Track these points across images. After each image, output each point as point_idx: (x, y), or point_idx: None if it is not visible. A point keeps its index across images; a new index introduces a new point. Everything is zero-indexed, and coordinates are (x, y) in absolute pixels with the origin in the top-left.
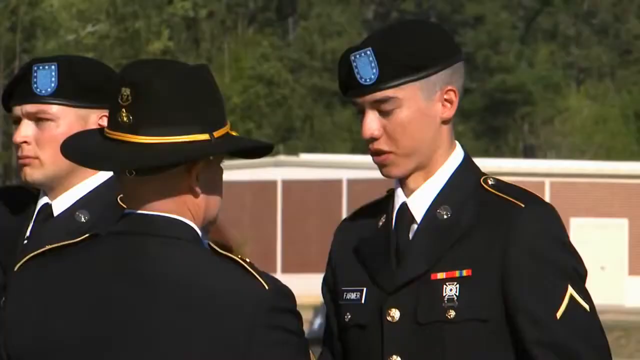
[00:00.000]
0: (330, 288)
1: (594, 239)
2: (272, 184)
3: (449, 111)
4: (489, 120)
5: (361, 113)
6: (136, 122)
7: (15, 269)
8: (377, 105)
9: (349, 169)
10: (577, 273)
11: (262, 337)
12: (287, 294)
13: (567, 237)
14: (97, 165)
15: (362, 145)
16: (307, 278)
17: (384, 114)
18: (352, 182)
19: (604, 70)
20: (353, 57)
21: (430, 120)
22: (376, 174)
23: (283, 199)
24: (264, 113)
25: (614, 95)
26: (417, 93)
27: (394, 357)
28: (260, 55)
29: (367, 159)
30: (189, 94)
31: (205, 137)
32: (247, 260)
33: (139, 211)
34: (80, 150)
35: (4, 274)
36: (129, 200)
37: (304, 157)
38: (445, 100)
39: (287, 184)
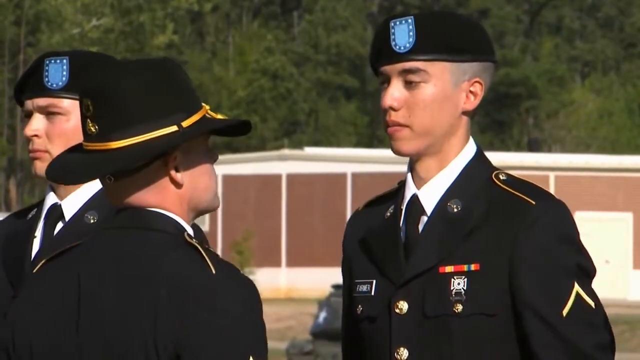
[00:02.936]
0: (346, 281)
1: (598, 232)
2: (276, 178)
3: (472, 103)
4: (493, 114)
5: (386, 84)
6: (102, 130)
7: (33, 272)
8: (405, 75)
9: (353, 163)
10: (584, 271)
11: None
12: (239, 282)
13: (577, 234)
14: (71, 179)
15: (366, 139)
16: (311, 272)
17: (409, 85)
18: (356, 176)
19: (608, 64)
20: (392, 24)
21: (451, 105)
22: (380, 167)
23: (288, 192)
24: (268, 106)
25: (619, 88)
26: (446, 74)
27: (401, 349)
28: (265, 48)
29: (372, 152)
30: (149, 91)
31: (173, 129)
32: (208, 247)
33: (126, 206)
34: (59, 167)
35: (12, 288)
36: (115, 204)
37: (309, 150)
38: (471, 91)
39: (291, 177)
